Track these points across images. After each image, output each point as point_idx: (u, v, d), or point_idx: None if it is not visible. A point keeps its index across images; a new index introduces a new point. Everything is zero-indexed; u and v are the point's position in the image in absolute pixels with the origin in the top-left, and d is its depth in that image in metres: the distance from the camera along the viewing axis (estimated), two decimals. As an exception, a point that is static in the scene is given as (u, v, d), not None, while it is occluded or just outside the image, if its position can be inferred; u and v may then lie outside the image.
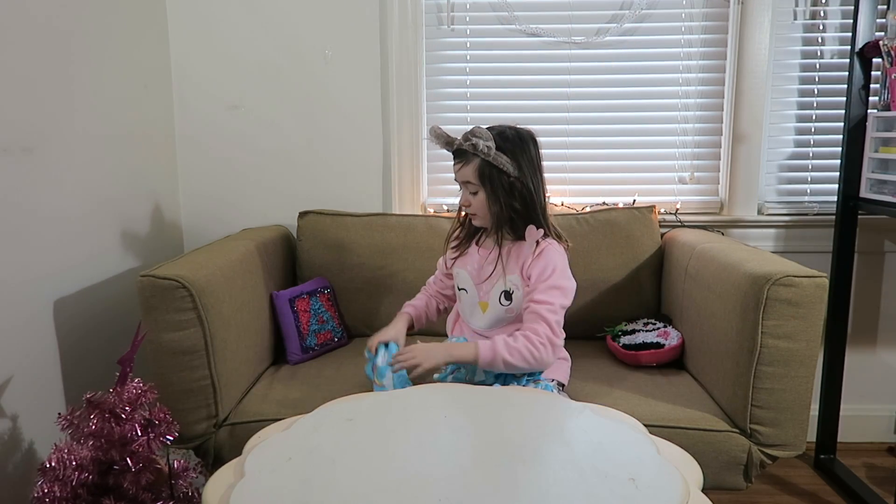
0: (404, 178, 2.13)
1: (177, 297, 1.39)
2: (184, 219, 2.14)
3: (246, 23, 2.05)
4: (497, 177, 1.41)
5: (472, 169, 1.42)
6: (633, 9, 2.04)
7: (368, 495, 0.87)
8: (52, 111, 1.51)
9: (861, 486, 1.83)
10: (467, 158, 1.43)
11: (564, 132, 2.11)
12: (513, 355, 1.34)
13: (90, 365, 1.61)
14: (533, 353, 1.35)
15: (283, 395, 1.55)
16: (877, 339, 2.15)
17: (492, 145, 1.40)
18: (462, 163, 1.44)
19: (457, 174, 1.46)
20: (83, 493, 1.18)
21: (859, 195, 1.85)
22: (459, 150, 1.44)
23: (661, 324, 1.78)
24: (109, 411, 1.20)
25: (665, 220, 2.06)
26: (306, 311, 1.78)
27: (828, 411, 1.97)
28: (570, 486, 0.89)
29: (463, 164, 1.44)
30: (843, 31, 2.03)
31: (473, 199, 1.45)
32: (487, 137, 1.40)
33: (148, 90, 1.95)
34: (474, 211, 1.47)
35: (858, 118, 1.84)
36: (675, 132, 2.11)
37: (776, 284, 1.36)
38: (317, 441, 1.02)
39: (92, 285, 1.65)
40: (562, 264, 1.44)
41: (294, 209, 2.00)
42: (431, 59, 2.11)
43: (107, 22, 1.73)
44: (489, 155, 1.39)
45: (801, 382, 1.40)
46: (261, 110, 2.09)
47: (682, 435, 1.39)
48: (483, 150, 1.39)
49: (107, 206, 1.73)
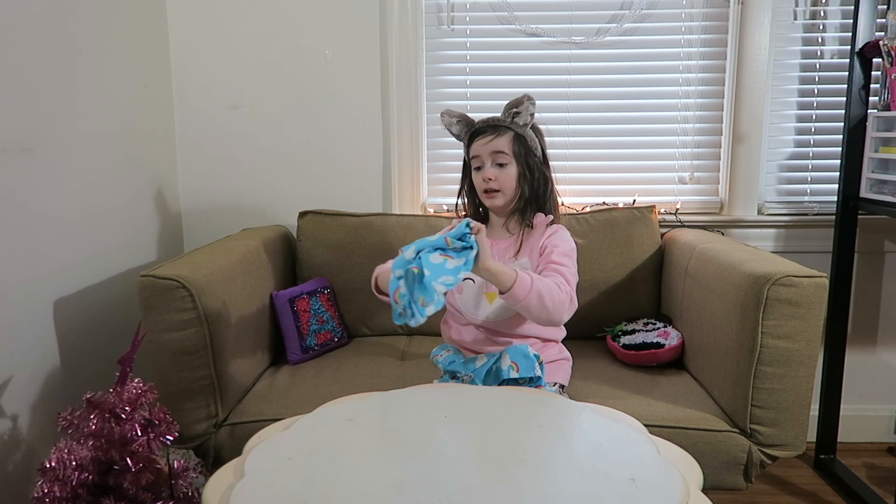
0: (404, 178, 2.13)
1: (177, 297, 1.39)
2: (184, 219, 2.14)
3: (246, 23, 2.05)
4: (527, 154, 1.43)
5: (507, 140, 1.41)
6: (633, 9, 2.04)
7: (368, 495, 0.87)
8: (53, 111, 1.51)
9: (861, 486, 1.83)
10: (499, 131, 1.42)
11: (564, 132, 2.11)
12: (544, 291, 1.25)
13: (90, 365, 1.61)
14: (556, 299, 1.27)
15: (283, 395, 1.55)
16: (877, 339, 2.15)
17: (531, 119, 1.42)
18: (494, 135, 1.42)
19: (485, 146, 1.42)
20: (83, 493, 1.18)
21: (859, 195, 1.85)
22: (488, 125, 1.43)
23: (661, 324, 1.78)
24: (109, 411, 1.20)
25: (665, 220, 2.06)
26: (306, 311, 1.78)
27: (828, 411, 1.97)
28: (570, 485, 0.88)
29: (496, 136, 1.42)
30: (843, 31, 2.03)
31: (501, 172, 1.42)
32: (528, 110, 1.41)
33: (148, 90, 1.95)
34: (499, 186, 1.42)
35: (858, 118, 1.84)
36: (675, 132, 2.11)
37: (776, 284, 1.36)
38: (317, 441, 1.02)
39: (92, 285, 1.65)
40: (572, 246, 1.42)
41: (294, 209, 2.00)
42: (431, 59, 2.11)
43: (107, 21, 1.73)
44: (527, 125, 1.41)
45: (801, 382, 1.40)
46: (261, 110, 2.09)
47: (682, 435, 1.39)
48: (526, 120, 1.41)
49: (107, 206, 1.73)
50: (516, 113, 1.42)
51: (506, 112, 1.44)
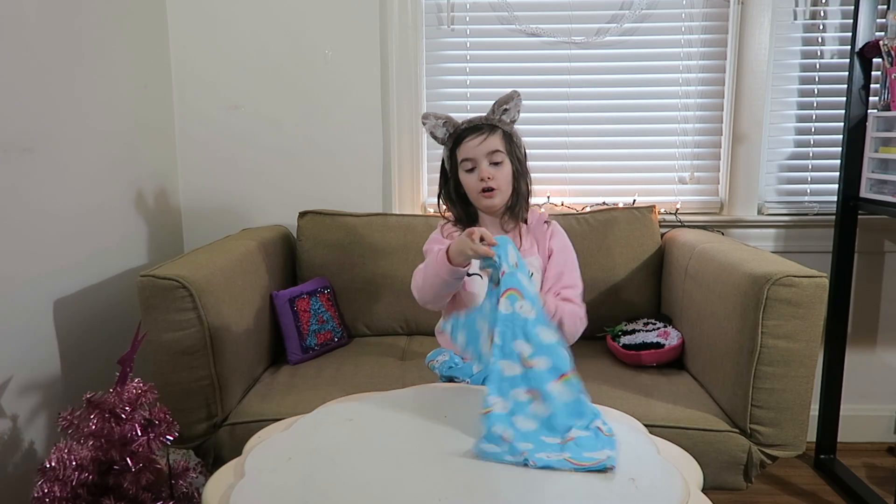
0: (404, 178, 2.12)
1: (177, 297, 1.39)
2: (184, 219, 2.14)
3: (246, 22, 2.05)
4: (517, 151, 1.43)
5: (499, 139, 1.41)
6: (633, 9, 2.04)
7: (368, 495, 0.87)
8: (53, 111, 1.51)
9: (861, 486, 1.83)
10: (489, 130, 1.41)
11: (564, 132, 2.11)
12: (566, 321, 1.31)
13: (90, 365, 1.61)
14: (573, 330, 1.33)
15: (283, 395, 1.54)
16: (877, 339, 2.15)
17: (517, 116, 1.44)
18: (485, 135, 1.41)
19: (478, 147, 1.40)
20: (83, 493, 1.18)
21: (859, 195, 1.85)
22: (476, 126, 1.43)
23: (661, 324, 1.78)
24: (109, 411, 1.20)
25: (665, 220, 2.06)
26: (306, 311, 1.78)
27: (828, 411, 1.97)
28: (571, 485, 0.89)
29: (486, 135, 1.41)
30: (843, 31, 2.02)
31: (497, 171, 1.41)
32: (517, 106, 1.43)
33: (148, 90, 1.95)
34: (498, 184, 1.41)
35: (858, 118, 1.84)
36: (675, 132, 2.11)
37: (776, 284, 1.36)
38: (317, 441, 1.02)
39: (92, 285, 1.65)
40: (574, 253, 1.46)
41: (294, 209, 2.00)
42: (431, 59, 2.11)
43: (107, 21, 1.73)
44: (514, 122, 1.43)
45: (801, 382, 1.40)
46: (261, 110, 2.09)
47: (682, 435, 1.39)
48: (514, 117, 1.43)
49: (107, 206, 1.73)
50: (505, 110, 1.43)
51: (495, 109, 1.44)
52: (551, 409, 1.00)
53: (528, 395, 1.02)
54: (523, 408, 1.01)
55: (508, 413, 1.00)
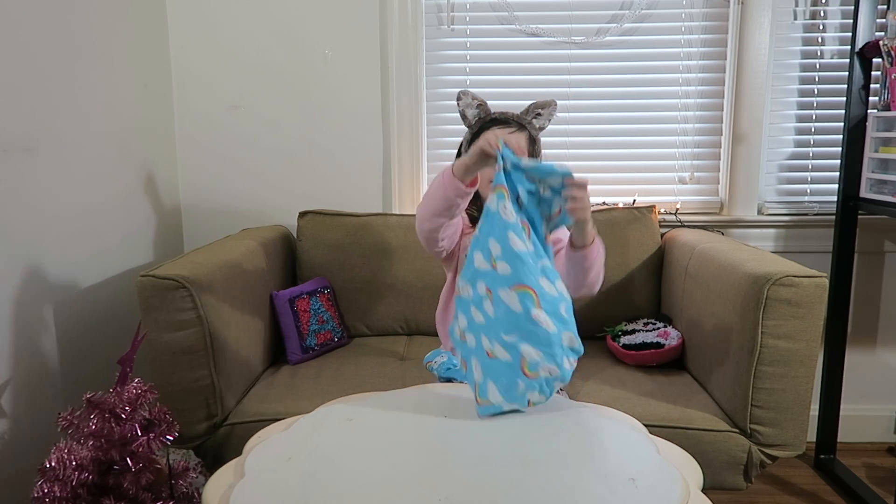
0: (404, 178, 2.12)
1: (177, 296, 1.39)
2: (184, 218, 2.14)
3: (246, 22, 2.05)
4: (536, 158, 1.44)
5: (525, 138, 1.42)
6: (633, 9, 2.04)
7: (368, 495, 0.87)
8: (53, 111, 1.51)
9: (861, 486, 1.83)
10: (518, 128, 1.42)
11: (564, 132, 2.11)
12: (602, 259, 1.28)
13: (90, 365, 1.61)
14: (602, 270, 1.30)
15: (283, 395, 1.55)
16: (877, 339, 2.15)
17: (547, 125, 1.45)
18: (516, 129, 1.43)
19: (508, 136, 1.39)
20: (83, 493, 1.18)
21: (859, 195, 1.85)
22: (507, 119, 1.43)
23: (661, 324, 1.78)
24: (109, 411, 1.20)
25: (665, 220, 2.06)
26: (306, 311, 1.78)
27: (828, 411, 1.97)
28: (571, 485, 0.89)
29: (517, 130, 1.43)
30: (843, 31, 2.03)
31: None
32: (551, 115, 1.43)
33: (148, 89, 1.95)
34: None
35: (858, 118, 1.84)
36: (675, 132, 2.11)
37: (776, 284, 1.36)
38: (317, 441, 1.02)
39: (92, 285, 1.65)
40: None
41: (294, 209, 2.00)
42: (431, 59, 2.11)
43: (107, 21, 1.73)
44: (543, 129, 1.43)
45: (801, 382, 1.40)
46: (261, 110, 2.09)
47: (682, 435, 1.39)
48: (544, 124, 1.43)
49: (107, 206, 1.73)
50: (538, 114, 1.43)
51: (529, 110, 1.45)
52: (495, 315, 1.05)
53: (487, 293, 1.06)
54: (481, 302, 1.07)
55: (472, 300, 1.08)
